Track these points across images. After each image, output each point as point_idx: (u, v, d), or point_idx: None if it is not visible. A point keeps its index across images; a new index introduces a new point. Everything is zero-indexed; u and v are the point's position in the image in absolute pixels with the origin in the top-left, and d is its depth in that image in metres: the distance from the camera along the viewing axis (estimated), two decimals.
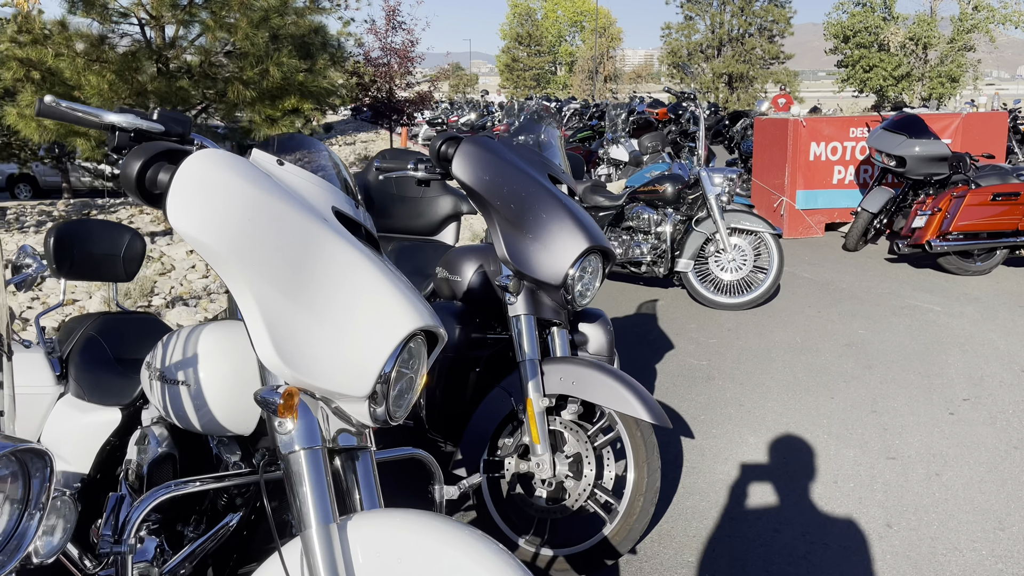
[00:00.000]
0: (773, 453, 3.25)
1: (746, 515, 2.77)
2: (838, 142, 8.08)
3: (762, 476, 3.06)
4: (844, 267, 6.79)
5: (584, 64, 64.85)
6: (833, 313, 5.34)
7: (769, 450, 3.28)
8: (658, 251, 5.65)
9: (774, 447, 3.31)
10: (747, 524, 2.71)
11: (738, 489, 2.96)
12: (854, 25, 29.30)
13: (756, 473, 3.08)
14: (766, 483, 3.00)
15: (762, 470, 3.11)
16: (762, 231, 5.46)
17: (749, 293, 5.46)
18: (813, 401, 3.80)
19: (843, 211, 8.18)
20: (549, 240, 2.44)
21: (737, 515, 2.77)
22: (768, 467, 3.14)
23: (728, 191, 5.65)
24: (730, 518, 2.75)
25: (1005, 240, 6.23)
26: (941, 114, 8.41)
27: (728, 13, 42.90)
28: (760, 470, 3.11)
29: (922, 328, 4.95)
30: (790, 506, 2.82)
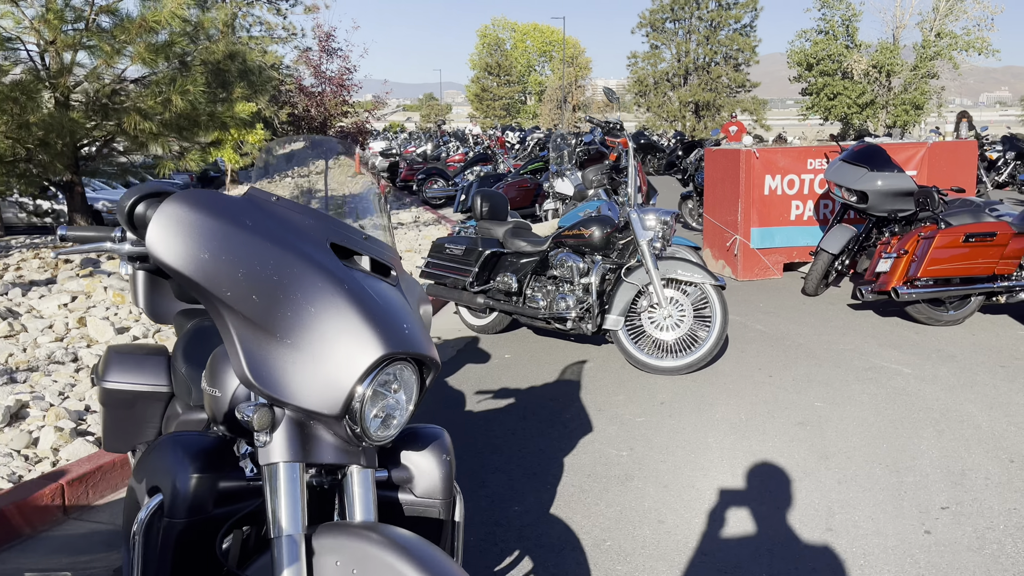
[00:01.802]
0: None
1: None
2: (795, 175, 7.38)
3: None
4: (802, 316, 6.03)
5: (553, 94, 64.77)
6: (787, 378, 4.55)
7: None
8: (584, 305, 4.84)
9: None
10: None
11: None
12: (817, 53, 29.11)
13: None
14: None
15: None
16: (702, 282, 4.67)
17: (688, 354, 4.65)
18: (752, 515, 2.97)
19: (802, 250, 7.46)
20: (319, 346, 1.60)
21: None
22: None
23: (664, 235, 4.88)
24: None
25: (980, 286, 5.51)
26: (905, 143, 7.75)
27: (694, 42, 42.86)
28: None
29: (890, 399, 4.16)
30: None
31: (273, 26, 26.47)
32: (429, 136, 23.46)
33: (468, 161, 15.60)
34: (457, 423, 3.95)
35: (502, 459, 3.48)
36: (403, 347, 1.55)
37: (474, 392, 4.42)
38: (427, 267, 5.67)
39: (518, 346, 5.38)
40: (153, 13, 7.90)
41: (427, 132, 26.56)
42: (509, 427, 3.87)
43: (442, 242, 5.61)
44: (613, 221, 4.94)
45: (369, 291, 1.64)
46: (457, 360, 5.09)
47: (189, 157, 8.47)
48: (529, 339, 5.55)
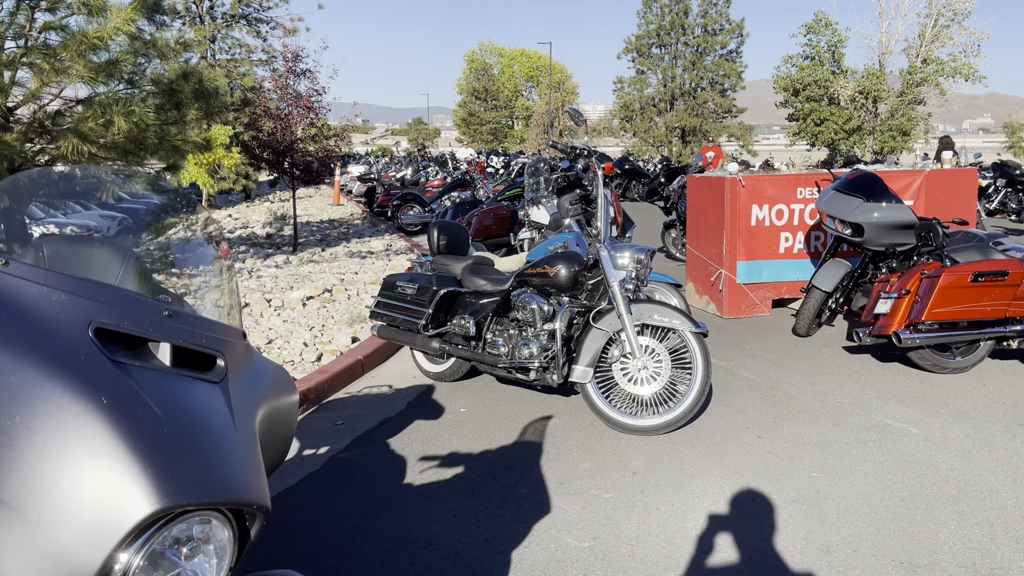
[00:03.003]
0: None
1: None
2: (784, 204, 6.86)
3: None
4: (794, 360, 5.47)
5: (540, 118, 64.68)
6: (778, 440, 3.98)
7: None
8: (549, 353, 4.27)
9: None
10: None
11: None
12: (803, 78, 28.90)
13: None
14: None
15: None
16: (681, 329, 4.11)
17: (666, 412, 4.07)
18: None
19: (792, 285, 6.93)
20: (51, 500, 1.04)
21: None
22: None
23: (638, 275, 4.32)
24: None
25: (991, 330, 4.98)
26: (901, 171, 7.26)
27: (680, 67, 42.74)
28: None
29: (898, 467, 3.59)
30: None
31: (253, 48, 26.08)
32: (410, 160, 22.96)
33: (446, 187, 15.08)
34: (390, 502, 3.34)
35: (436, 556, 2.87)
36: (201, 493, 1.08)
37: (418, 458, 3.82)
38: (377, 307, 5.09)
39: (477, 397, 4.80)
40: (96, 30, 7.34)
41: (408, 156, 26.05)
42: (452, 508, 3.27)
43: (394, 279, 5.03)
44: (581, 258, 4.38)
45: (150, 404, 1.14)
46: (406, 415, 4.49)
47: (134, 183, 7.85)
48: (490, 388, 4.96)
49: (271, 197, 25.44)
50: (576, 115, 4.37)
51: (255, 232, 14.61)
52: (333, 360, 5.34)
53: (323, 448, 4.00)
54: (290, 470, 3.72)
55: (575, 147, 4.33)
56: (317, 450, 3.98)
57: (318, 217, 18.19)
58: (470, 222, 10.49)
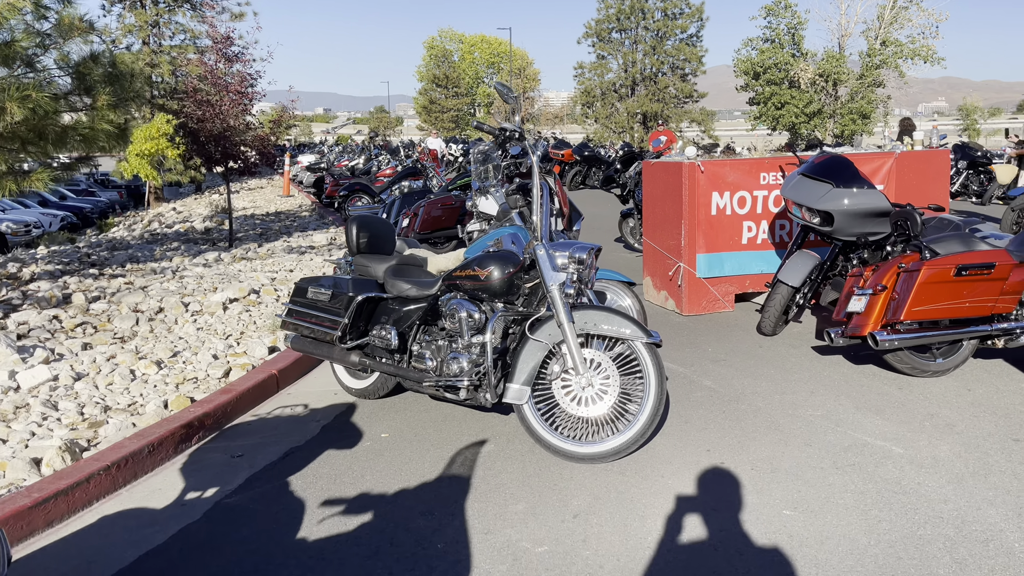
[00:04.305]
0: None
1: None
2: (746, 191, 6.33)
3: None
4: (760, 364, 4.95)
5: (501, 105, 63.90)
6: (744, 466, 3.44)
7: None
8: (481, 369, 3.67)
9: None
10: None
11: None
12: (764, 62, 28.57)
13: None
14: None
15: None
16: (631, 339, 3.54)
17: (614, 436, 3.50)
18: None
19: (757, 278, 6.42)
20: None
21: None
22: None
23: (581, 277, 3.74)
24: None
25: (975, 329, 4.49)
26: (871, 153, 6.77)
27: (640, 52, 42.31)
28: None
29: (883, 500, 3.07)
30: None
31: (198, 34, 24.95)
32: (362, 149, 22.14)
33: (397, 175, 14.38)
34: (274, 566, 2.73)
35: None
36: None
37: (321, 503, 3.21)
38: (288, 316, 4.44)
39: (403, 418, 4.19)
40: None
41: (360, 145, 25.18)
42: (349, 574, 2.66)
43: (306, 284, 4.39)
44: (517, 258, 3.78)
45: None
46: (317, 443, 3.87)
47: (35, 177, 7.08)
48: (420, 405, 4.36)
49: (221, 189, 24.42)
50: (505, 91, 3.76)
51: (194, 227, 13.79)
52: (242, 376, 4.69)
53: (210, 490, 3.37)
54: (163, 522, 3.08)
55: (504, 129, 3.74)
56: (203, 493, 3.35)
57: (265, 209, 17.37)
58: (416, 213, 9.84)
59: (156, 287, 7.27)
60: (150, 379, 4.66)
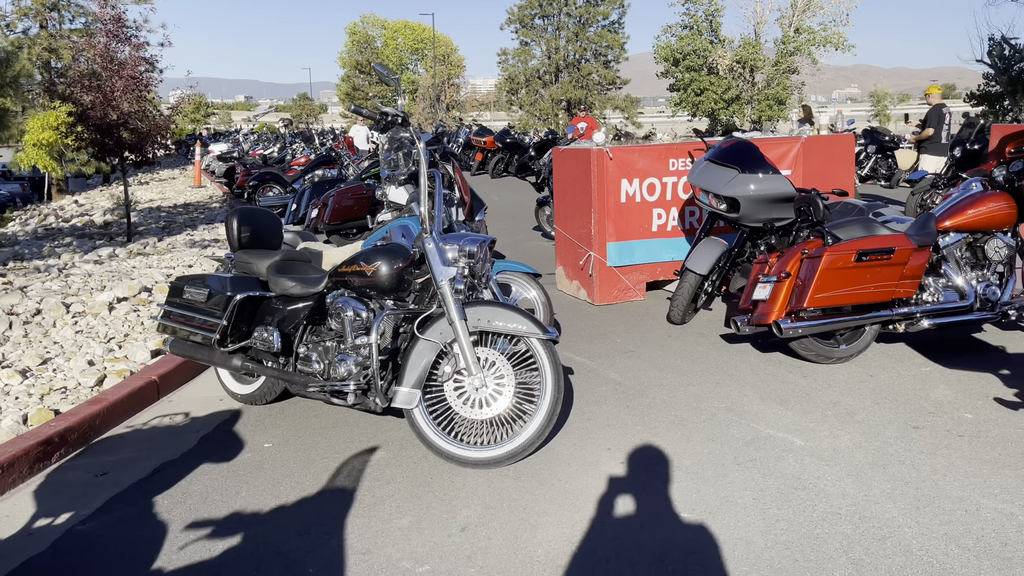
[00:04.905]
0: None
1: None
2: (655, 178, 6.23)
3: None
4: (668, 355, 4.85)
5: (426, 92, 63.17)
6: (644, 464, 3.30)
7: None
8: (369, 372, 3.43)
9: None
10: None
11: None
12: (683, 48, 28.88)
13: None
14: None
15: None
16: (526, 336, 3.35)
17: (509, 439, 3.32)
18: None
19: (667, 266, 6.33)
20: None
21: None
22: None
23: (474, 271, 3.53)
24: None
25: (876, 314, 4.48)
26: (778, 138, 6.77)
27: (563, 39, 42.26)
28: None
29: (781, 498, 2.96)
30: None
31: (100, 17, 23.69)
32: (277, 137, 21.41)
33: (310, 164, 13.90)
34: None
35: None
36: None
37: (186, 525, 2.92)
38: (164, 318, 4.09)
39: (291, 425, 3.91)
40: None
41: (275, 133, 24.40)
42: None
43: (182, 283, 4.05)
44: (407, 252, 3.55)
45: None
46: (192, 457, 3.56)
47: None
48: (311, 411, 4.09)
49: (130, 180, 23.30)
50: (385, 72, 3.51)
51: (92, 220, 13.03)
52: (116, 384, 4.33)
53: (64, 515, 3.04)
54: (5, 555, 2.75)
55: (386, 113, 3.48)
56: (55, 519, 3.02)
57: (174, 201, 16.60)
58: (326, 203, 9.47)
59: (37, 287, 6.74)
60: (12, 390, 4.25)
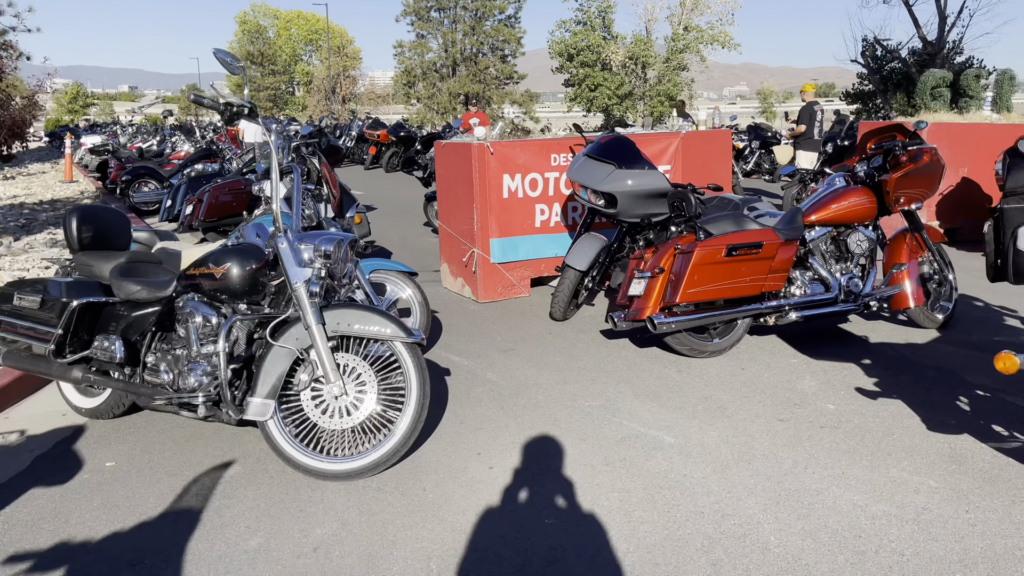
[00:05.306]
0: None
1: None
2: (537, 173, 6.17)
3: None
4: (547, 353, 4.79)
5: (321, 84, 61.68)
6: (511, 468, 3.20)
7: None
8: (217, 383, 3.20)
9: None
10: None
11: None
12: (577, 43, 29.19)
13: None
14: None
15: None
16: (389, 339, 3.19)
17: (371, 449, 3.16)
18: None
19: (551, 261, 6.29)
20: None
21: None
22: None
23: (333, 272, 3.34)
24: None
25: (747, 308, 4.54)
26: (657, 134, 6.83)
27: (460, 32, 42.05)
28: None
29: (648, 499, 2.92)
30: None
31: None
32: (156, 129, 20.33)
33: (189, 158, 13.24)
34: None
35: None
36: None
37: (3, 560, 2.62)
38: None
39: (138, 440, 3.62)
40: None
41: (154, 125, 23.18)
42: None
43: (11, 289, 3.69)
44: (261, 253, 3.33)
45: None
46: (22, 480, 3.23)
47: None
48: (162, 424, 3.80)
49: None
50: (228, 59, 3.26)
51: None
52: None
53: None
54: None
55: (230, 104, 3.24)
56: None
57: (41, 196, 15.48)
58: (201, 199, 9.00)
59: None
60: None
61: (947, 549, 2.52)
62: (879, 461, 3.18)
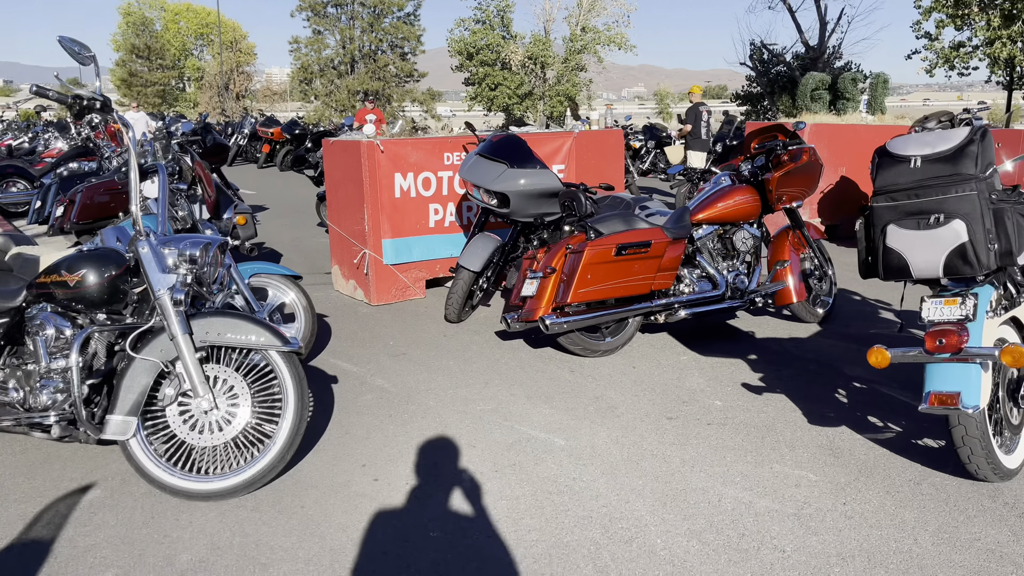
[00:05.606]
0: None
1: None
2: (430, 172, 6.04)
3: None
4: (440, 356, 4.67)
5: (213, 80, 59.38)
6: (400, 481, 3.08)
7: None
8: (70, 400, 2.94)
9: None
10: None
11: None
12: (476, 43, 29.16)
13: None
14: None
15: None
16: (263, 348, 3.01)
17: (247, 465, 2.97)
18: None
19: (447, 262, 6.18)
20: None
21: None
22: None
23: (201, 278, 3.13)
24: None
25: (638, 306, 4.56)
26: (551, 133, 6.82)
27: (358, 29, 41.30)
28: None
29: (536, 506, 2.86)
30: None
31: None
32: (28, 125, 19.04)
33: (63, 156, 12.42)
34: None
35: None
36: None
37: None
38: None
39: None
40: None
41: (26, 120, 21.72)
42: None
43: None
44: (122, 258, 3.08)
45: None
46: None
47: None
48: (15, 447, 3.48)
49: None
50: (76, 48, 2.99)
51: None
52: None
53: None
54: None
55: (79, 96, 2.97)
56: None
57: None
58: (74, 200, 8.42)
59: None
60: None
61: (826, 543, 2.56)
62: (763, 456, 3.22)
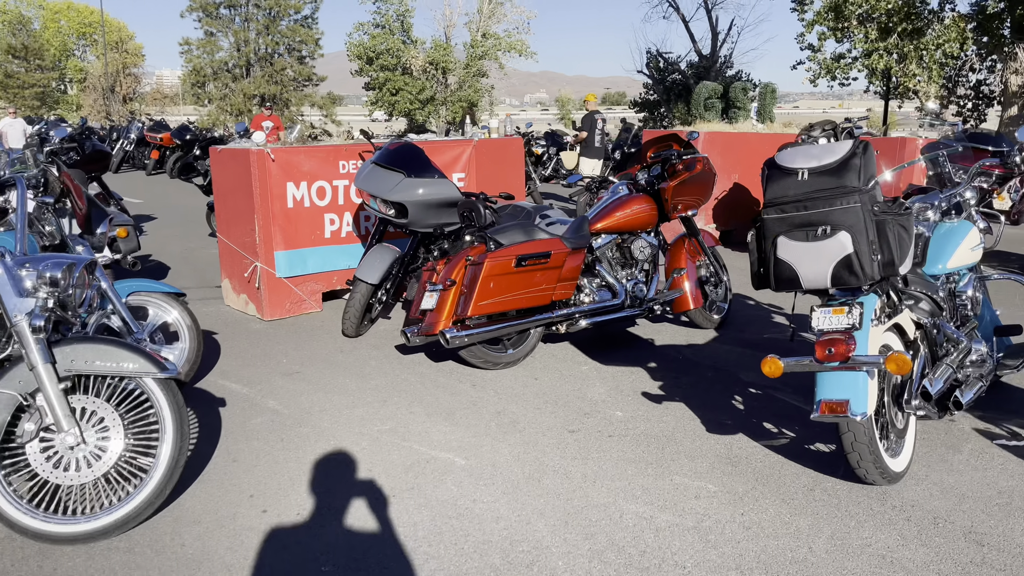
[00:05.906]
0: None
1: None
2: (325, 181, 5.84)
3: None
4: (337, 374, 4.50)
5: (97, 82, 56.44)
6: (290, 512, 2.91)
7: None
8: None
9: None
10: None
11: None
12: (376, 47, 28.77)
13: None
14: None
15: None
16: (137, 375, 2.78)
17: (120, 504, 2.74)
18: None
19: (344, 273, 5.97)
20: None
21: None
22: None
23: (66, 301, 2.87)
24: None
25: (539, 318, 4.52)
26: (450, 141, 6.72)
27: (253, 31, 40.07)
28: None
29: (434, 534, 2.75)
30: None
31: None
32: None
33: None
34: None
35: None
36: None
37: None
38: None
39: None
40: None
41: None
42: None
43: None
44: None
45: None
46: None
47: None
48: None
49: None
50: None
51: None
52: None
53: None
54: None
55: None
56: None
57: None
58: None
59: None
60: None
61: (724, 556, 2.56)
62: (663, 468, 3.22)
